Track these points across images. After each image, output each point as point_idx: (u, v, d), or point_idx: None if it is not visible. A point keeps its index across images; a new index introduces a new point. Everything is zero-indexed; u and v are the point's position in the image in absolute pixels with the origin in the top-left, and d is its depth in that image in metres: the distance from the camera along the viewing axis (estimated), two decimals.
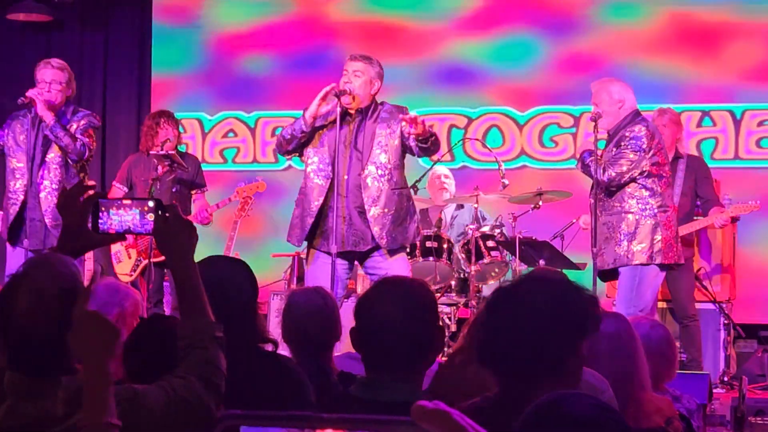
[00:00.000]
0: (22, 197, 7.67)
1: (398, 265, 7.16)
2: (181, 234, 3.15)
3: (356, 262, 7.42)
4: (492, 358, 2.84)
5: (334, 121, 7.07)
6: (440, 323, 3.41)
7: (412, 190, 9.41)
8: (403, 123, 6.99)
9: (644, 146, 7.20)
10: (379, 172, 7.12)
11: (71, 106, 7.89)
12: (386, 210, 7.12)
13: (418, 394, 3.22)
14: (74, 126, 7.75)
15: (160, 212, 3.18)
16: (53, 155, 7.71)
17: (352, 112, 7.18)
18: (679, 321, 8.64)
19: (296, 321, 4.55)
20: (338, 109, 7.04)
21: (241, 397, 3.58)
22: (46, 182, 7.66)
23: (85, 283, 2.90)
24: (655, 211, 7.21)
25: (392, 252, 7.18)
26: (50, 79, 7.74)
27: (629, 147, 7.16)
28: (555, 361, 2.82)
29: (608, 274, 7.40)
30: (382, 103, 7.30)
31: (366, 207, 7.09)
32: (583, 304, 2.85)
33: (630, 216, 7.19)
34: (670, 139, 8.43)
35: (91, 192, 3.27)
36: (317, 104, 7.06)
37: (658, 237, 7.20)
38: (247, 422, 1.49)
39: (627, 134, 7.18)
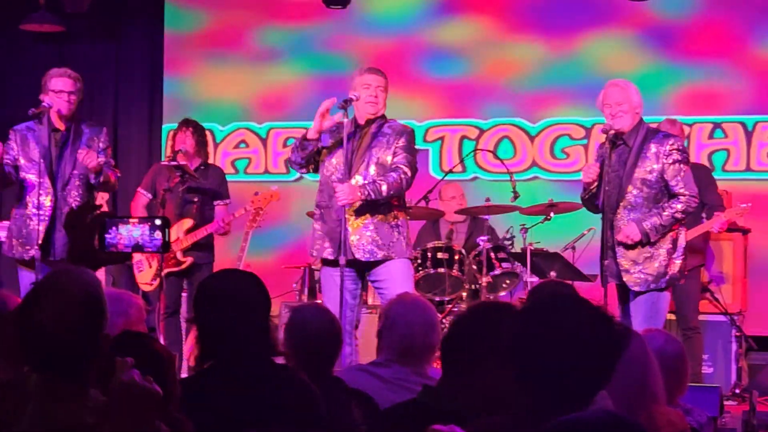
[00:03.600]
0: (50, 211, 7.63)
1: (398, 274, 7.18)
2: (138, 405, 2.84)
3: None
4: (530, 383, 2.87)
5: (349, 132, 7.14)
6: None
7: (423, 202, 9.44)
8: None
9: (688, 159, 7.27)
10: (366, 182, 7.13)
11: (83, 119, 7.89)
12: (365, 221, 7.16)
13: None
14: (93, 144, 7.73)
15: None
16: (77, 172, 7.68)
17: (362, 123, 7.23)
18: (680, 332, 8.57)
19: (305, 338, 4.53)
20: (345, 120, 7.08)
21: (253, 409, 3.59)
22: (68, 199, 7.62)
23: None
24: (681, 224, 7.21)
25: (390, 260, 7.19)
26: (68, 90, 7.69)
27: (683, 162, 7.15)
28: (597, 384, 2.88)
29: (621, 289, 7.35)
30: (390, 120, 7.34)
31: (347, 216, 7.13)
32: (615, 325, 2.88)
33: (673, 232, 7.14)
34: None
35: (97, 211, 3.29)
36: (319, 121, 7.10)
37: (685, 253, 7.21)
38: None
39: (669, 147, 7.11)
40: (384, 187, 7.08)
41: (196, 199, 8.86)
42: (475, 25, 11.29)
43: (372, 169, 7.15)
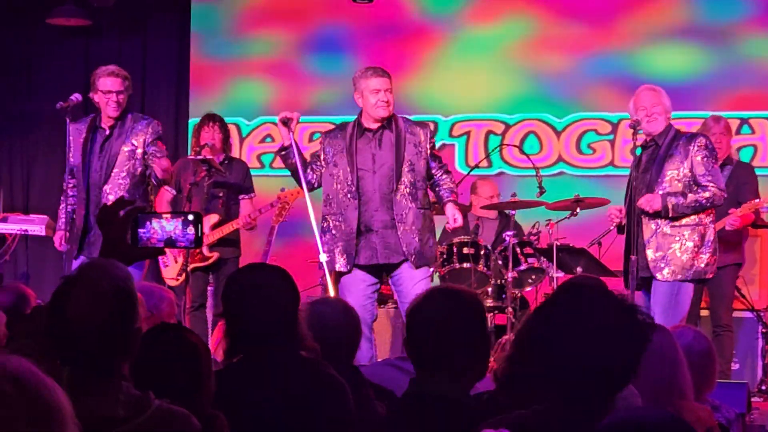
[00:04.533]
0: (82, 211, 7.68)
1: (421, 280, 7.31)
2: None
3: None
4: (556, 377, 2.83)
5: (350, 141, 7.35)
6: (486, 331, 3.49)
7: None
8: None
9: (716, 157, 7.36)
10: (407, 190, 7.32)
11: (131, 110, 7.93)
12: (413, 227, 7.30)
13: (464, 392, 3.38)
14: (141, 138, 7.74)
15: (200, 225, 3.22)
16: (117, 170, 7.69)
17: (373, 127, 7.33)
18: (712, 329, 8.55)
19: (324, 330, 4.52)
20: (291, 135, 7.36)
21: (283, 403, 3.60)
22: (111, 197, 7.60)
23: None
24: (710, 221, 7.26)
25: (417, 267, 7.33)
26: (117, 89, 7.69)
27: (713, 158, 7.23)
28: (624, 377, 2.84)
29: (642, 283, 7.36)
30: (401, 117, 7.51)
31: (396, 223, 7.26)
32: (638, 314, 2.85)
33: (701, 227, 7.20)
34: (726, 146, 8.64)
35: (130, 207, 3.30)
36: (281, 128, 7.47)
37: (714, 249, 7.26)
38: None
39: (698, 146, 7.18)
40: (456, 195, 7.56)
41: (221, 194, 8.88)
42: (502, 19, 11.27)
43: (410, 177, 7.32)
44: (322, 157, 7.46)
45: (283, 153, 7.41)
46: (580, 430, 2.67)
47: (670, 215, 7.11)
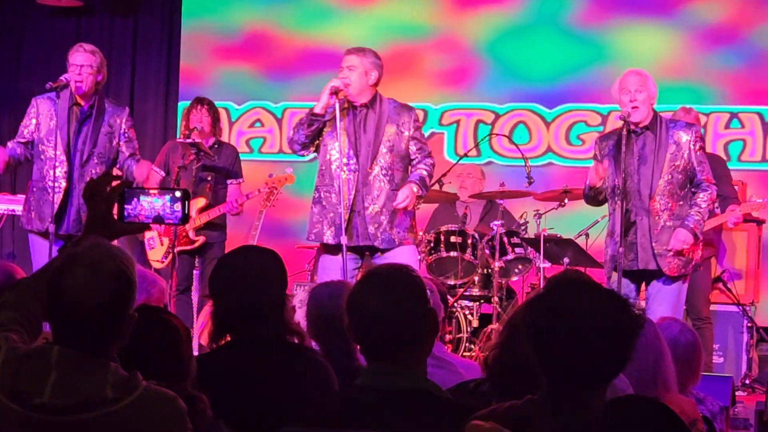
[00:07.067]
0: (64, 184, 7.65)
1: (405, 256, 7.22)
2: None
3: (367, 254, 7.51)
4: (552, 368, 2.85)
5: (334, 118, 7.24)
6: (429, 305, 3.35)
7: (437, 185, 9.42)
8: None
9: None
10: (383, 172, 7.26)
11: (105, 96, 7.95)
12: (384, 209, 7.24)
13: (420, 381, 3.25)
14: (116, 121, 7.77)
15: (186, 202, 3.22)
16: (98, 150, 7.70)
17: (357, 105, 7.29)
18: (691, 323, 8.56)
19: (325, 314, 4.51)
20: (337, 106, 7.17)
21: (267, 389, 3.59)
22: (86, 177, 7.62)
23: None
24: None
25: (385, 250, 7.29)
26: (81, 63, 7.72)
27: (704, 150, 7.31)
28: (615, 367, 2.86)
29: (638, 276, 7.32)
30: (388, 99, 7.41)
31: (365, 204, 7.23)
32: (629, 308, 2.87)
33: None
34: None
35: (116, 182, 3.29)
36: (327, 97, 7.19)
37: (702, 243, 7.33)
38: None
39: (695, 135, 7.21)
40: (429, 182, 7.40)
41: (209, 178, 8.87)
42: (494, 12, 11.25)
43: (387, 158, 7.25)
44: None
45: (314, 118, 7.27)
46: (572, 419, 2.68)
47: (700, 238, 7.19)
